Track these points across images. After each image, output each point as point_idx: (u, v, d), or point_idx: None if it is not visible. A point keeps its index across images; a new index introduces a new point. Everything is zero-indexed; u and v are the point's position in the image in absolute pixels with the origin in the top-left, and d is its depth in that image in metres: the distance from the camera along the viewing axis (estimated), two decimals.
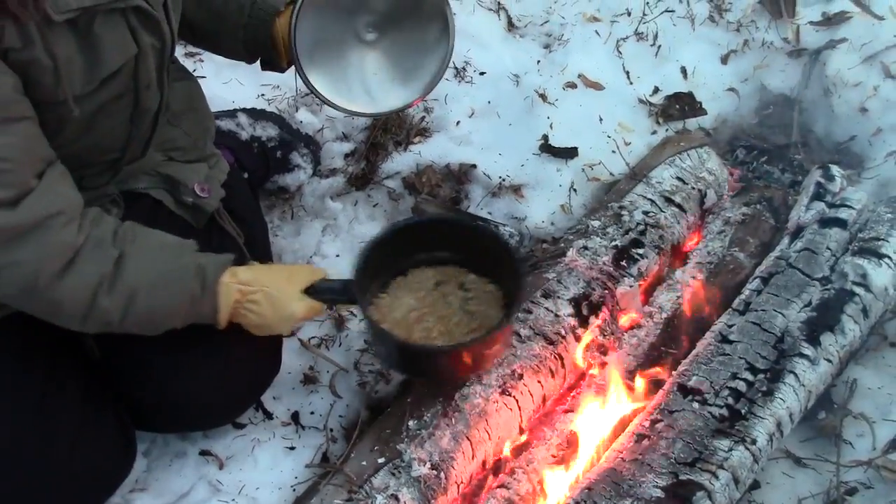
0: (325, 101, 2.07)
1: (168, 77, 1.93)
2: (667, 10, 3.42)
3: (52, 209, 1.63)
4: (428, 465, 1.99)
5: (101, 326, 1.76)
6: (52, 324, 1.76)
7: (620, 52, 3.31)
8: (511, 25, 3.43)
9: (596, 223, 2.63)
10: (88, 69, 1.67)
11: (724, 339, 2.31)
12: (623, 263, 2.53)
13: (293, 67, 2.21)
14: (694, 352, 2.33)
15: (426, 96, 2.17)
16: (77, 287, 1.68)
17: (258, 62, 2.22)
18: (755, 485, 2.18)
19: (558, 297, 2.38)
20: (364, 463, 2.00)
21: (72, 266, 1.66)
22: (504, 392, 2.15)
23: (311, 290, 1.92)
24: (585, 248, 2.54)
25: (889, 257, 2.47)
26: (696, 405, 2.15)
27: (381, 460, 2.00)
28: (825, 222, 2.60)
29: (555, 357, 2.27)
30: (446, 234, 2.19)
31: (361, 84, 2.12)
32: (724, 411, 2.14)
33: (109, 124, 1.83)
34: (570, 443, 2.16)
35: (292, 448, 2.20)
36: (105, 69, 1.70)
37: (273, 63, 2.19)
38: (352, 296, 1.95)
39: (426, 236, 2.17)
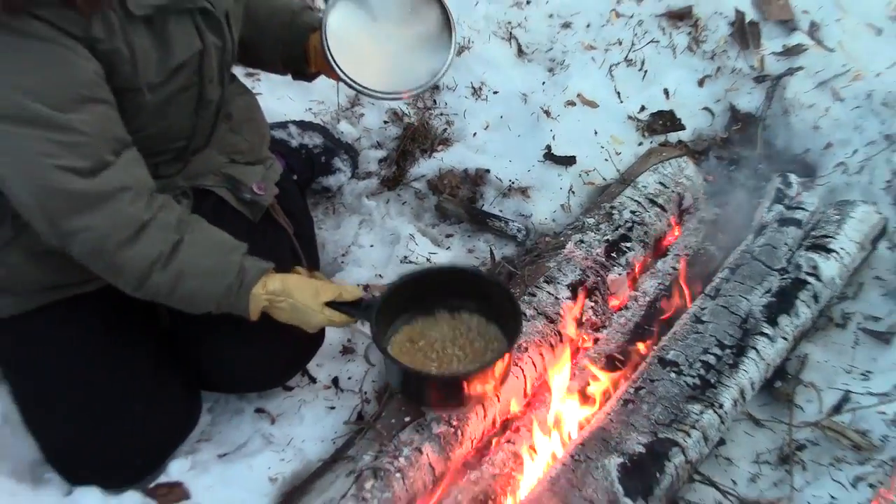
0: (353, 86, 1.98)
1: (228, 74, 1.94)
2: (652, 41, 3.39)
3: (124, 184, 1.66)
4: (447, 423, 1.99)
5: (151, 296, 1.77)
6: (133, 296, 1.78)
7: (613, 76, 3.28)
8: (520, 52, 3.41)
9: (591, 220, 2.63)
10: (161, 61, 1.71)
11: (698, 320, 2.30)
12: (613, 255, 2.53)
13: (320, 77, 2.24)
14: (672, 330, 2.31)
15: (439, 79, 2.05)
16: (137, 258, 1.69)
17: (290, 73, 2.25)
18: (721, 442, 2.17)
19: (558, 283, 2.38)
20: (393, 421, 2.00)
21: (137, 239, 1.68)
22: (512, 363, 2.13)
23: (335, 304, 1.88)
24: (581, 241, 2.53)
25: (836, 252, 2.45)
26: (673, 375, 2.14)
27: (407, 419, 2.00)
28: (784, 222, 2.58)
29: (555, 333, 2.27)
30: (461, 282, 2.08)
31: (381, 69, 2.02)
32: (697, 380, 2.13)
33: (178, 113, 1.85)
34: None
35: (332, 408, 2.20)
36: (174, 61, 1.73)
37: (303, 73, 2.22)
38: (368, 316, 1.88)
39: (446, 282, 2.07)
